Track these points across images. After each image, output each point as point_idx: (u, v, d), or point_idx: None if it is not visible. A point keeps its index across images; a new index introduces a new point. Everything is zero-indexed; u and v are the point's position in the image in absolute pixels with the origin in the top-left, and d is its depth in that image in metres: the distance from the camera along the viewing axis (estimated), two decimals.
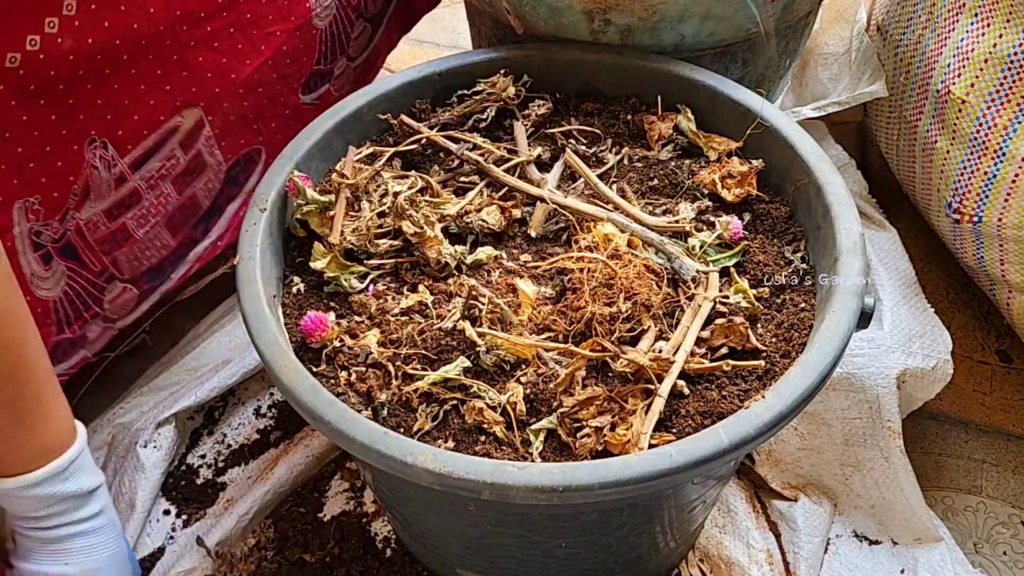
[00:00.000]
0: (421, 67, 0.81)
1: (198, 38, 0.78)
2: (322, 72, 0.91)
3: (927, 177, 0.96)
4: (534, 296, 0.64)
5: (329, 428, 0.55)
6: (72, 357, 0.81)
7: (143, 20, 0.65)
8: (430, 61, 0.81)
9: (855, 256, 0.62)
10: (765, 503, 0.88)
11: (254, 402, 0.96)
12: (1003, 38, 0.84)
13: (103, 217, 0.78)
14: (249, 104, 0.85)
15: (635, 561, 0.75)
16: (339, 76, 0.95)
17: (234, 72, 0.82)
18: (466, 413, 0.60)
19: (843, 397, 0.86)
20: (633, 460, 0.52)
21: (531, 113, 0.79)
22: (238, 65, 0.82)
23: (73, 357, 0.81)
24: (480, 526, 0.66)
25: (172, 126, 0.79)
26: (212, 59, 0.80)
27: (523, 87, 0.81)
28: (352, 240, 0.69)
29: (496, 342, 0.62)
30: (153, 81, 0.76)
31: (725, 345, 0.62)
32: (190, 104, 0.80)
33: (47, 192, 0.72)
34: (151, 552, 0.85)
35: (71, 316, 0.79)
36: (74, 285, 0.78)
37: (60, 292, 0.77)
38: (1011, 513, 0.91)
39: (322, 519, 0.87)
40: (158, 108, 0.77)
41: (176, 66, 0.77)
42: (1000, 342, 1.02)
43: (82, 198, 0.75)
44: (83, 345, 0.82)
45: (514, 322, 0.63)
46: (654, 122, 0.78)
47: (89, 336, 0.82)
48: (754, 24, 0.83)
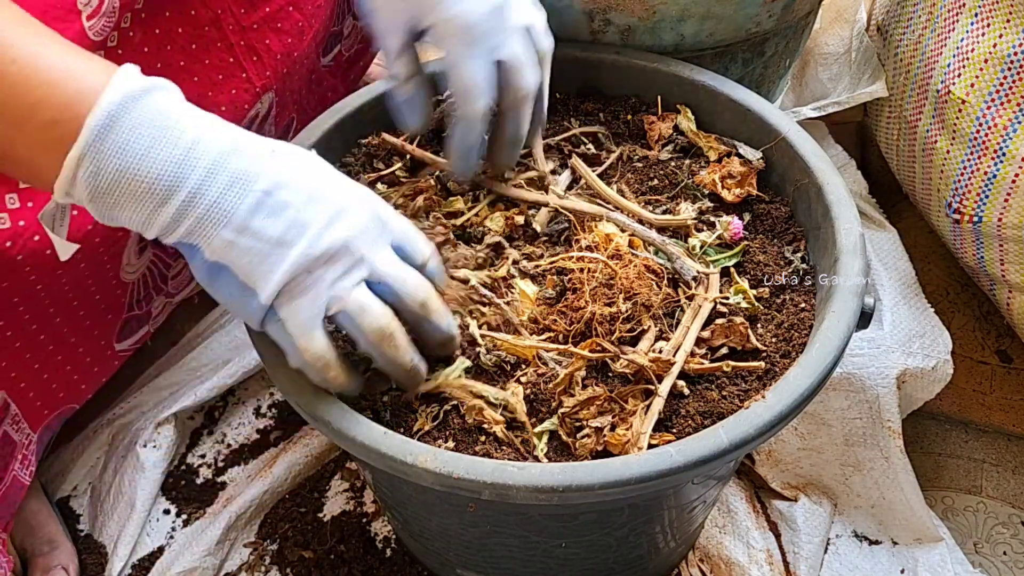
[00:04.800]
0: None
1: (259, 20, 0.76)
2: (334, 32, 0.91)
3: (927, 177, 0.96)
4: (535, 296, 0.64)
5: (329, 428, 0.55)
6: (137, 332, 0.81)
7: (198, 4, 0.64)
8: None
9: (855, 256, 0.62)
10: (765, 503, 0.88)
11: (254, 402, 0.96)
12: (1003, 38, 0.84)
13: None
14: (300, 79, 0.84)
15: (635, 561, 0.75)
16: (348, 36, 0.95)
17: (296, 50, 0.81)
18: (466, 413, 0.60)
19: (843, 397, 0.86)
20: (633, 460, 0.52)
21: None
22: (299, 43, 0.81)
23: (138, 332, 0.81)
24: (480, 526, 0.66)
25: (253, 114, 0.78)
26: (278, 40, 0.78)
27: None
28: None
29: (496, 342, 0.62)
30: (229, 70, 0.75)
31: (725, 345, 0.62)
32: (267, 89, 0.78)
33: None
34: (151, 552, 0.85)
35: (142, 295, 0.79)
36: (152, 268, 0.78)
37: (139, 275, 0.76)
38: (1011, 513, 0.91)
39: (322, 519, 0.87)
40: (240, 97, 0.76)
41: (246, 52, 0.76)
42: (1000, 342, 1.02)
43: None
44: (147, 321, 0.82)
45: (515, 322, 0.63)
46: (654, 122, 0.78)
47: (153, 311, 0.82)
48: (754, 24, 0.83)
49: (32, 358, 0.70)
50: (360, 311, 0.53)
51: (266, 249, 0.51)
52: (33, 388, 0.72)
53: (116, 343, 0.79)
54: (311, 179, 0.53)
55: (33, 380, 0.71)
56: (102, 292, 0.73)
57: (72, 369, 0.75)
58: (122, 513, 0.85)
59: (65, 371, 0.75)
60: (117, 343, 0.79)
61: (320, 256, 0.51)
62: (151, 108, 0.49)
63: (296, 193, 0.51)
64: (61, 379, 0.74)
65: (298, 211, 0.51)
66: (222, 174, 0.50)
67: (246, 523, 0.86)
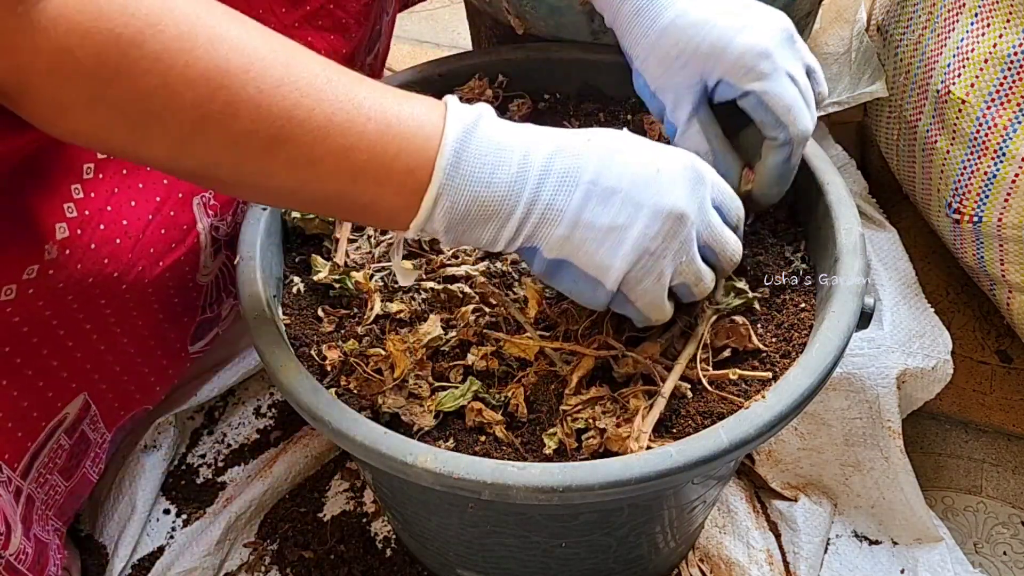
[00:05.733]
0: (421, 67, 0.81)
1: (299, 18, 0.76)
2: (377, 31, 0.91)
3: (927, 177, 0.96)
4: (539, 293, 0.65)
5: (329, 428, 0.55)
6: (209, 334, 0.82)
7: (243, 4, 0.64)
8: (430, 61, 0.81)
9: (855, 256, 0.62)
10: (765, 503, 0.88)
11: (254, 402, 0.96)
12: (1003, 38, 0.84)
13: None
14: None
15: (635, 561, 0.75)
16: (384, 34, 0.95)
17: (344, 48, 0.80)
18: (466, 414, 0.60)
19: (843, 397, 0.86)
20: (633, 460, 0.52)
21: (513, 116, 0.79)
22: (345, 42, 0.81)
23: (209, 334, 0.82)
24: (480, 526, 0.66)
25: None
26: (322, 39, 0.78)
27: (500, 88, 0.81)
28: (358, 260, 0.69)
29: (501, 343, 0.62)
30: None
31: (727, 346, 0.62)
32: None
33: None
34: (151, 552, 0.85)
35: (214, 298, 0.80)
36: (223, 270, 0.79)
37: (212, 278, 0.78)
38: (1011, 513, 0.91)
39: (322, 519, 0.87)
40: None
41: None
42: (1000, 342, 1.02)
43: None
44: (217, 323, 0.83)
45: (522, 321, 0.63)
46: (654, 122, 0.78)
47: (223, 314, 0.83)
48: None
49: (113, 360, 0.71)
50: (697, 282, 0.56)
51: (601, 236, 0.52)
52: (113, 389, 0.73)
53: (190, 345, 0.80)
54: (632, 156, 0.53)
55: (113, 381, 0.72)
56: (180, 295, 0.74)
57: (149, 371, 0.76)
58: (122, 513, 0.85)
59: (143, 373, 0.75)
60: (191, 345, 0.80)
61: (658, 233, 0.52)
62: (483, 135, 0.51)
63: (621, 177, 0.52)
64: (138, 381, 0.75)
65: (627, 194, 0.52)
66: (551, 177, 0.52)
67: (246, 523, 0.86)
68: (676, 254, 0.53)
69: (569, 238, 0.52)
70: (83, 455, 0.74)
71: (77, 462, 0.73)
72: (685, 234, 0.53)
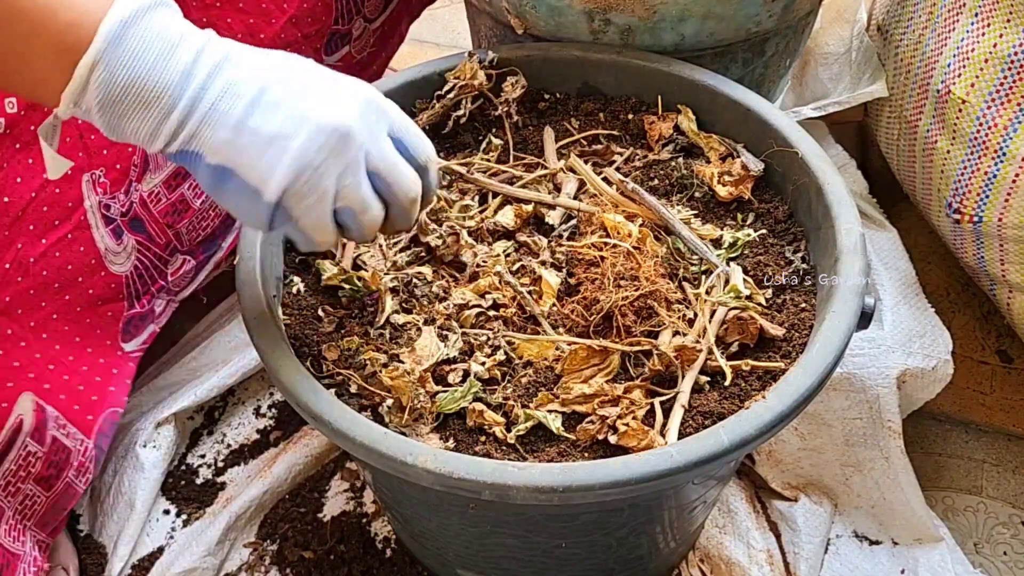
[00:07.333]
0: (421, 67, 0.81)
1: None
2: (341, 32, 0.91)
3: (927, 177, 0.96)
4: (556, 286, 0.65)
5: (329, 428, 0.55)
6: (143, 332, 0.83)
7: None
8: (430, 61, 0.81)
9: (855, 256, 0.62)
10: (765, 503, 0.88)
11: (254, 402, 0.96)
12: (1003, 38, 0.84)
13: (163, 188, 0.79)
14: None
15: (635, 561, 0.75)
16: (358, 38, 0.95)
17: (262, 32, 0.81)
18: (467, 415, 0.60)
19: (843, 397, 0.86)
20: (633, 461, 0.52)
21: (507, 96, 0.79)
22: (264, 25, 0.81)
23: (144, 332, 0.83)
24: (480, 526, 0.66)
25: None
26: (240, 20, 0.79)
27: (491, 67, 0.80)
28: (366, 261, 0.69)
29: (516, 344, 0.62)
30: None
31: (737, 341, 0.62)
32: None
33: (110, 164, 0.73)
34: (151, 552, 0.85)
35: (140, 291, 0.80)
36: (143, 259, 0.80)
37: (131, 267, 0.78)
38: (1011, 513, 0.91)
39: (322, 519, 0.87)
40: None
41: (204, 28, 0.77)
42: (1000, 342, 1.02)
43: (142, 169, 0.76)
44: (152, 319, 0.83)
45: (536, 313, 0.63)
46: (654, 122, 0.78)
47: (156, 310, 0.84)
48: (754, 24, 0.83)
49: (43, 357, 0.71)
50: (363, 210, 0.55)
51: (264, 143, 0.51)
52: (61, 390, 0.73)
53: (123, 343, 0.80)
54: (304, 76, 0.53)
55: (54, 381, 0.72)
56: (88, 281, 0.74)
57: (89, 370, 0.76)
58: (122, 513, 0.85)
59: (83, 372, 0.75)
60: (124, 343, 0.80)
61: (322, 147, 0.52)
62: (158, 22, 0.50)
63: (289, 90, 0.52)
64: (83, 380, 0.75)
65: (293, 105, 0.51)
66: (218, 80, 0.51)
67: (246, 523, 0.86)
68: (341, 175, 0.53)
69: (232, 143, 0.51)
70: (64, 464, 0.73)
71: (58, 471, 0.73)
72: (352, 156, 0.53)
